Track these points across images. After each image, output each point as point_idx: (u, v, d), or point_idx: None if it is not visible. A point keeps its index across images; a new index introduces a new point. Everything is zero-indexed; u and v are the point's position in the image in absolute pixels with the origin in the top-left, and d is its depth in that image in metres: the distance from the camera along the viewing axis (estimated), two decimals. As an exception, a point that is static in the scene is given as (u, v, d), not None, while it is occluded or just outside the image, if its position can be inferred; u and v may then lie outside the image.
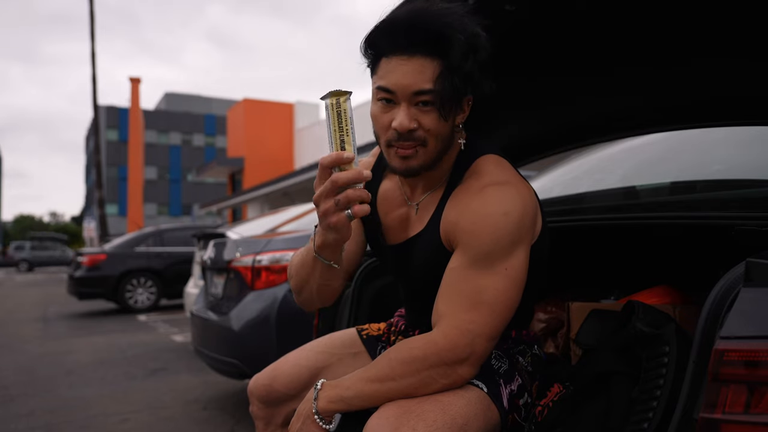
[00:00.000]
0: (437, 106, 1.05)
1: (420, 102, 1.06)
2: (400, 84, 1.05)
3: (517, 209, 1.08)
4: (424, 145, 1.09)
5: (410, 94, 1.05)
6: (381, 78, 1.07)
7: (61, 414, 3.61)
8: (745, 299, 0.83)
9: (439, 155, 1.13)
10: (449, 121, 1.09)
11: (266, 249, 3.31)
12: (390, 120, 1.08)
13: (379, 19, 1.07)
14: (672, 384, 1.05)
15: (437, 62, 1.03)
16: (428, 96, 1.05)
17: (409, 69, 1.04)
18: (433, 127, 1.07)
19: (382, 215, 1.29)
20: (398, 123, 1.06)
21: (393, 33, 1.05)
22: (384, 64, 1.07)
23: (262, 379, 1.33)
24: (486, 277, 1.06)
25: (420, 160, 1.10)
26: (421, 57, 1.03)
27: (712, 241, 1.41)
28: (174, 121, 56.33)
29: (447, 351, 1.04)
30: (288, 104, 25.85)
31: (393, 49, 1.05)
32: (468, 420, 1.04)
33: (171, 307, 9.66)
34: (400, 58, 1.05)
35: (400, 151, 1.09)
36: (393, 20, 1.06)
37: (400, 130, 1.06)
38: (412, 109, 1.06)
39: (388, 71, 1.06)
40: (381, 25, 1.06)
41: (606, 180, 2.35)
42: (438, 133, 1.09)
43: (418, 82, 1.04)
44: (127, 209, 32.69)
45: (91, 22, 20.50)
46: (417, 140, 1.08)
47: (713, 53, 1.33)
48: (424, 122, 1.07)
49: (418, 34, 1.03)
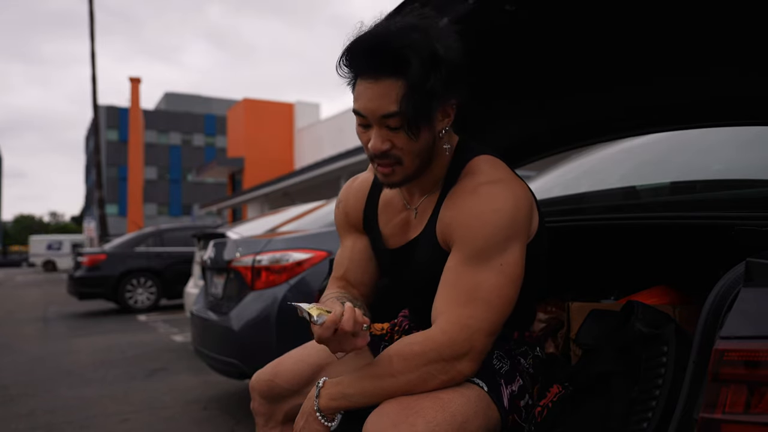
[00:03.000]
0: (404, 127, 1.07)
1: (389, 125, 1.08)
2: (368, 108, 1.08)
3: (508, 206, 1.09)
4: (400, 163, 1.12)
5: (378, 117, 1.07)
6: (354, 101, 1.11)
7: (61, 414, 3.61)
8: (745, 299, 0.83)
9: (419, 167, 1.15)
10: (423, 137, 1.10)
11: (266, 249, 3.31)
12: (367, 140, 1.12)
13: (345, 42, 1.08)
14: (671, 384, 1.05)
15: (401, 83, 1.04)
16: (395, 118, 1.06)
17: (375, 93, 1.06)
18: (405, 146, 1.10)
19: (384, 223, 1.32)
20: (372, 145, 1.10)
21: (357, 57, 1.07)
22: (357, 86, 1.10)
23: (265, 375, 1.34)
24: (481, 273, 1.07)
25: (399, 176, 1.14)
26: (385, 79, 1.05)
27: (712, 241, 1.41)
28: (174, 121, 56.33)
29: (446, 346, 1.05)
30: (288, 104, 25.84)
31: (360, 72, 1.08)
32: (468, 418, 1.04)
33: (171, 307, 9.66)
34: (367, 81, 1.07)
35: (380, 168, 1.14)
36: (356, 44, 1.07)
37: (374, 152, 1.10)
38: (384, 130, 1.09)
39: (359, 94, 1.09)
40: (347, 49, 1.08)
41: (606, 180, 2.35)
42: (411, 151, 1.11)
43: (383, 105, 1.06)
44: (127, 209, 32.69)
45: (91, 22, 20.51)
46: (392, 158, 1.11)
47: (713, 53, 1.33)
48: (397, 142, 1.10)
49: (379, 57, 1.04)
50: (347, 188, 1.42)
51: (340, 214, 1.41)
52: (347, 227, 1.40)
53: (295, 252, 3.27)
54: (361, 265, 1.36)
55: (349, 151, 13.60)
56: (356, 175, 1.44)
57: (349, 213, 1.39)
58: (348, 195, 1.40)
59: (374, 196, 1.35)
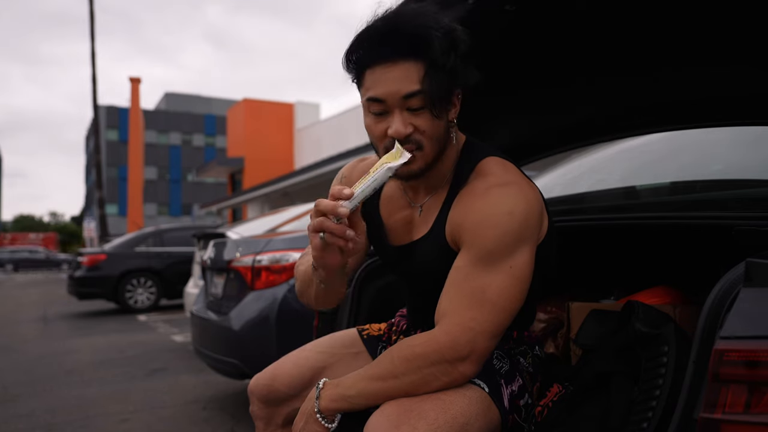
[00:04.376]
0: (428, 106, 1.06)
1: (411, 105, 1.07)
2: (388, 91, 1.06)
3: (520, 209, 1.08)
4: (420, 149, 1.10)
5: (400, 99, 1.06)
6: (369, 89, 1.09)
7: (61, 414, 3.61)
8: (745, 299, 0.83)
9: (437, 155, 1.14)
10: (443, 119, 1.10)
11: (266, 249, 3.31)
12: (384, 129, 1.09)
13: (355, 33, 1.08)
14: (671, 384, 1.05)
15: (420, 64, 1.04)
16: (418, 97, 1.06)
17: (395, 75, 1.05)
18: (428, 129, 1.09)
19: (386, 217, 1.30)
20: (394, 130, 1.07)
21: (372, 44, 1.06)
22: (369, 76, 1.08)
23: (263, 379, 1.33)
24: (490, 275, 1.06)
25: (420, 163, 1.11)
26: (403, 62, 1.05)
27: (712, 241, 1.41)
28: (174, 121, 56.36)
29: (448, 348, 1.04)
30: (288, 104, 25.84)
31: (375, 59, 1.07)
32: (469, 419, 1.04)
33: (171, 307, 9.66)
34: (383, 66, 1.06)
35: None
36: (370, 31, 1.07)
37: (397, 136, 1.07)
38: (405, 113, 1.08)
39: (374, 81, 1.07)
40: (359, 38, 1.08)
41: (606, 180, 2.35)
42: (433, 134, 1.10)
43: (405, 85, 1.05)
44: (127, 209, 32.66)
45: (91, 22, 20.51)
46: (413, 143, 1.09)
47: (713, 53, 1.33)
48: (419, 124, 1.08)
49: (396, 39, 1.04)
50: (353, 166, 1.39)
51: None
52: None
53: (295, 252, 3.27)
54: None
55: (350, 151, 13.60)
56: (364, 156, 1.42)
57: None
58: (352, 173, 1.37)
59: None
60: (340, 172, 1.41)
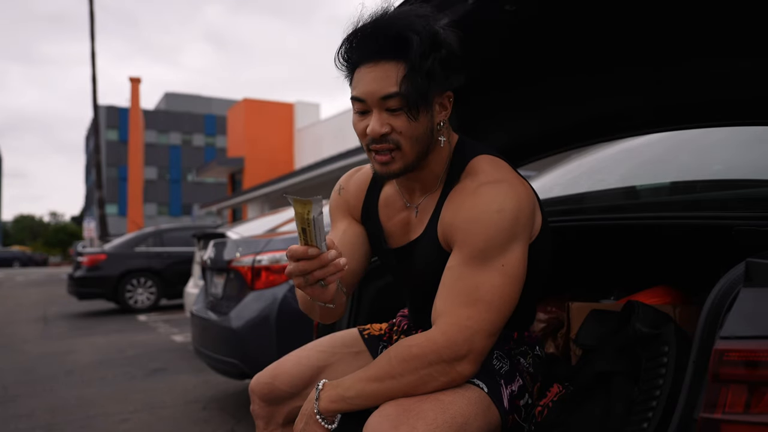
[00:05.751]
0: (404, 108, 1.08)
1: (389, 106, 1.08)
2: (367, 91, 1.09)
3: (511, 206, 1.09)
4: (398, 149, 1.11)
5: (378, 100, 1.08)
6: (354, 88, 1.12)
7: (61, 414, 3.61)
8: (745, 299, 0.83)
9: (418, 156, 1.14)
10: (422, 121, 1.11)
11: (266, 249, 3.31)
12: (365, 127, 1.11)
13: (345, 33, 1.10)
14: (671, 384, 1.05)
15: (401, 65, 1.06)
16: (396, 99, 1.07)
17: (376, 75, 1.07)
18: (405, 129, 1.10)
19: (385, 221, 1.31)
20: (370, 128, 1.10)
21: (358, 43, 1.09)
22: (356, 75, 1.11)
23: (264, 378, 1.34)
24: (482, 273, 1.07)
25: (398, 164, 1.13)
26: (385, 62, 1.07)
27: (712, 241, 1.41)
28: (174, 121, 56.36)
29: (445, 348, 1.04)
30: (288, 104, 25.84)
31: (361, 58, 1.09)
32: (468, 419, 1.04)
33: (171, 307, 9.66)
34: (367, 66, 1.08)
35: (378, 157, 1.13)
36: (358, 32, 1.09)
37: (372, 135, 1.10)
38: (384, 114, 1.09)
39: (358, 80, 1.10)
40: (349, 37, 1.10)
41: (606, 180, 2.35)
42: (411, 135, 1.11)
43: (384, 86, 1.07)
44: (127, 209, 32.67)
45: (91, 22, 20.51)
46: (391, 143, 1.11)
47: (713, 53, 1.33)
48: (396, 125, 1.09)
49: (380, 40, 1.06)
50: (349, 176, 1.40)
51: (341, 199, 1.38)
52: (344, 213, 1.37)
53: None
54: (350, 249, 1.31)
55: (349, 151, 13.60)
56: (360, 166, 1.43)
57: (349, 201, 1.37)
58: (349, 183, 1.38)
59: (374, 191, 1.33)
60: (337, 184, 1.42)
